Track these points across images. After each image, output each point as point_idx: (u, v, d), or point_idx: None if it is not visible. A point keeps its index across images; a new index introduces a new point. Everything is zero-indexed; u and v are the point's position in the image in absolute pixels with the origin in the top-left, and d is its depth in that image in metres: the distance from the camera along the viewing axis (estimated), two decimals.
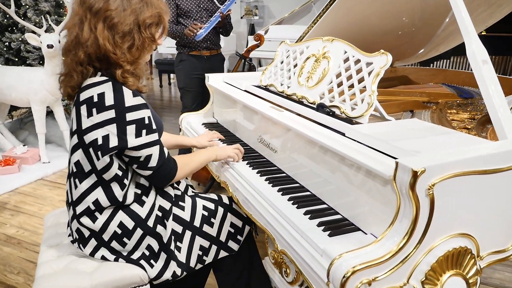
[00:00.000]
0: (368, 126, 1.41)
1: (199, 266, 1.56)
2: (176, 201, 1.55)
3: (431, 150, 1.16)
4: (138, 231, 1.43)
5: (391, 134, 1.32)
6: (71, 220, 1.47)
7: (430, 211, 1.02)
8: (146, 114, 1.37)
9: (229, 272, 1.66)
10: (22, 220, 2.91)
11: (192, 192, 1.71)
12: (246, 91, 2.11)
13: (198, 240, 1.54)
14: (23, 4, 4.02)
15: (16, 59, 4.14)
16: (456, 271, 1.12)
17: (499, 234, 1.25)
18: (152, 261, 1.46)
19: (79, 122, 1.36)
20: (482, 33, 3.93)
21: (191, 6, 3.28)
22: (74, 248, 1.52)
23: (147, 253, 1.46)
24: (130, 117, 1.33)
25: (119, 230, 1.42)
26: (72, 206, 1.45)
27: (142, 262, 1.45)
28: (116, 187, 1.40)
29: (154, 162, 1.40)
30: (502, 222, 1.24)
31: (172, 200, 1.53)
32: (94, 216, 1.41)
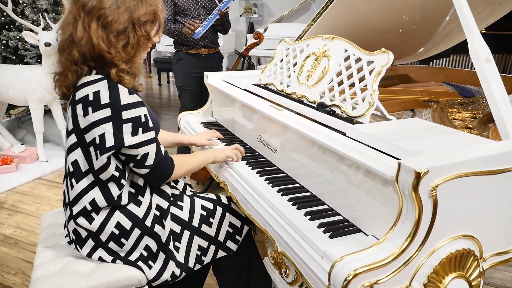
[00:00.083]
0: (369, 125, 1.39)
1: (198, 267, 1.55)
2: (174, 200, 1.54)
3: (434, 151, 1.14)
4: (136, 231, 1.42)
5: (393, 134, 1.30)
6: (68, 220, 1.46)
7: (433, 213, 1.01)
8: (142, 112, 1.36)
9: (228, 272, 1.66)
10: (19, 219, 2.89)
11: (190, 191, 1.69)
12: (245, 90, 2.10)
13: (197, 240, 1.53)
14: (21, 2, 3.99)
15: (13, 58, 4.11)
16: (459, 274, 1.11)
17: (502, 235, 1.24)
18: (150, 261, 1.44)
19: (76, 122, 1.35)
20: (482, 31, 3.92)
21: (189, 4, 3.25)
22: (71, 249, 1.50)
23: (145, 253, 1.44)
24: (126, 115, 1.32)
25: (117, 231, 1.41)
26: (69, 207, 1.43)
27: (140, 263, 1.43)
28: (113, 187, 1.38)
29: (151, 160, 1.38)
30: (505, 223, 1.22)
31: (169, 199, 1.51)
32: (91, 216, 1.39)
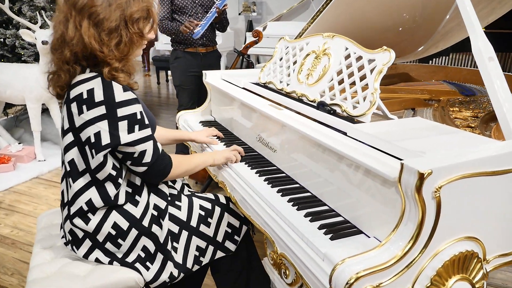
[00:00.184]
0: (370, 125, 1.37)
1: (196, 267, 1.53)
2: (172, 200, 1.52)
3: (437, 151, 1.12)
4: (133, 232, 1.40)
5: (395, 133, 1.28)
6: (64, 221, 1.44)
7: (436, 214, 0.99)
8: (137, 109, 1.34)
9: (227, 273, 1.64)
10: (16, 219, 2.87)
11: (188, 191, 1.68)
12: (244, 89, 2.08)
13: (195, 240, 1.51)
14: None
15: (10, 56, 4.08)
16: (462, 276, 1.09)
17: (506, 236, 1.22)
18: (148, 263, 1.42)
19: (71, 120, 1.33)
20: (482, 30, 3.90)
21: (186, 2, 3.21)
22: (68, 250, 1.48)
23: (143, 254, 1.42)
24: (121, 112, 1.30)
25: (113, 231, 1.39)
26: (66, 207, 1.41)
27: (137, 265, 1.41)
28: (110, 187, 1.36)
29: (148, 158, 1.37)
30: (509, 224, 1.20)
31: (167, 198, 1.50)
32: (87, 217, 1.38)
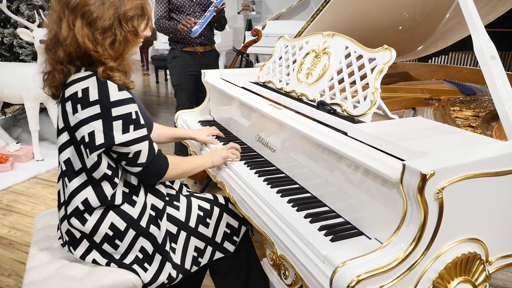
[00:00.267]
0: (371, 125, 1.35)
1: (195, 269, 1.52)
2: (170, 200, 1.51)
3: (439, 151, 1.10)
4: (131, 232, 1.38)
5: (396, 133, 1.27)
6: (61, 221, 1.42)
7: (439, 216, 0.97)
8: (133, 109, 1.32)
9: (226, 274, 1.63)
10: (14, 220, 2.85)
11: (187, 191, 1.66)
12: (243, 88, 2.06)
13: (193, 241, 1.50)
14: None
15: (8, 55, 4.06)
16: (464, 278, 1.07)
17: (508, 237, 1.20)
18: (146, 264, 1.41)
19: (66, 119, 1.32)
20: None
21: (184, 1, 3.19)
22: (65, 252, 1.46)
23: (141, 256, 1.41)
24: (116, 112, 1.29)
25: (111, 232, 1.37)
26: (63, 207, 1.40)
27: (135, 266, 1.39)
28: (106, 186, 1.35)
29: (143, 158, 1.35)
30: (511, 225, 1.19)
31: (165, 198, 1.48)
32: (84, 217, 1.36)
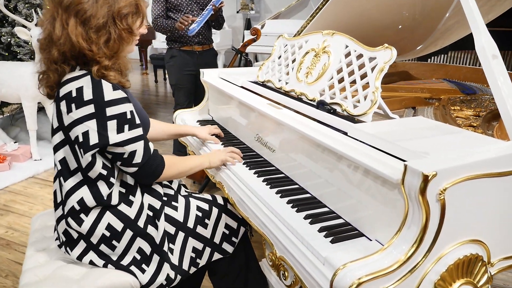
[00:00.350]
0: (371, 124, 1.34)
1: (193, 270, 1.50)
2: (169, 200, 1.49)
3: (441, 151, 1.08)
4: (128, 233, 1.37)
5: (397, 133, 1.25)
6: (58, 221, 1.41)
7: (440, 217, 0.96)
8: (127, 108, 1.31)
9: (224, 275, 1.61)
10: (11, 220, 2.83)
11: (185, 191, 1.64)
12: (242, 87, 2.04)
13: (191, 241, 1.49)
14: None
15: (6, 54, 4.04)
16: (466, 280, 1.06)
17: (510, 238, 1.19)
18: (143, 265, 1.39)
19: (60, 119, 1.31)
20: None
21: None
22: (62, 252, 1.44)
23: (138, 257, 1.39)
24: (111, 111, 1.27)
25: (108, 233, 1.36)
26: (60, 207, 1.39)
27: (132, 268, 1.38)
28: (102, 186, 1.33)
29: (139, 158, 1.33)
30: None
31: (162, 198, 1.46)
32: (80, 218, 1.34)
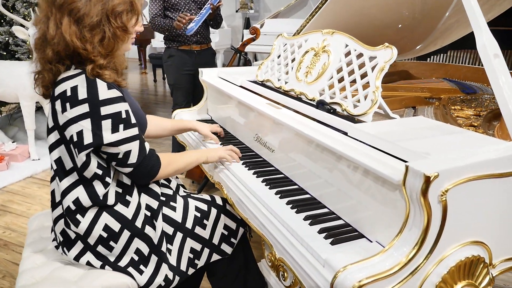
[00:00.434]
0: (372, 124, 1.32)
1: (191, 271, 1.49)
2: (167, 201, 1.48)
3: (442, 152, 1.07)
4: (125, 233, 1.36)
5: (398, 133, 1.24)
6: (55, 222, 1.40)
7: (442, 219, 0.95)
8: (122, 108, 1.29)
9: (223, 276, 1.60)
10: (9, 220, 2.81)
11: (184, 192, 1.63)
12: (241, 87, 2.03)
13: (189, 242, 1.47)
14: None
15: (4, 53, 4.02)
16: (468, 282, 1.05)
17: None
18: (141, 266, 1.38)
19: (56, 118, 1.30)
20: None
21: None
22: (59, 254, 1.43)
23: (136, 257, 1.38)
24: (105, 111, 1.26)
25: (105, 234, 1.34)
26: (56, 207, 1.38)
27: (130, 269, 1.36)
28: (98, 186, 1.32)
29: (134, 159, 1.32)
30: None
31: (159, 198, 1.45)
32: (76, 219, 1.33)
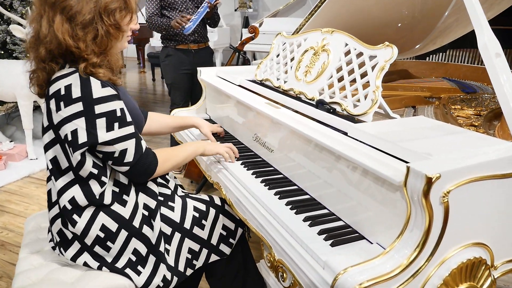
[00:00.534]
0: (372, 124, 1.31)
1: (190, 271, 1.47)
2: (165, 201, 1.47)
3: (444, 152, 1.06)
4: (123, 233, 1.34)
5: (398, 133, 1.22)
6: (52, 222, 1.38)
7: (444, 221, 0.93)
8: (117, 106, 1.28)
9: (222, 277, 1.59)
10: (6, 220, 2.80)
11: (182, 192, 1.61)
12: (240, 86, 2.01)
13: (187, 242, 1.46)
14: None
15: (1, 52, 4.00)
16: (470, 284, 1.04)
17: None
18: (139, 267, 1.36)
19: (50, 117, 1.29)
20: None
21: None
22: (56, 255, 1.42)
23: (134, 258, 1.36)
24: (99, 109, 1.25)
25: (102, 234, 1.33)
26: (53, 207, 1.37)
27: (127, 270, 1.35)
28: (95, 185, 1.31)
29: (130, 157, 1.30)
30: None
31: (157, 197, 1.43)
32: (73, 218, 1.31)
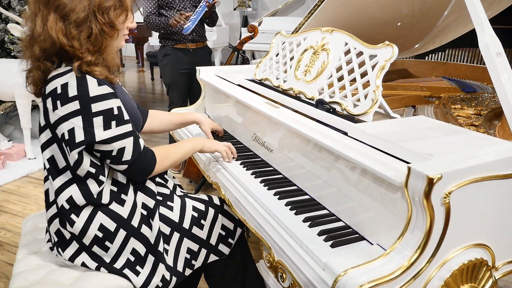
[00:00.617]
0: (372, 124, 1.30)
1: (189, 271, 1.47)
2: (164, 200, 1.46)
3: (445, 153, 1.05)
4: (121, 233, 1.33)
5: (399, 133, 1.21)
6: (50, 222, 1.37)
7: (445, 222, 0.92)
8: (114, 104, 1.27)
9: (221, 277, 1.58)
10: (4, 220, 2.78)
11: (181, 192, 1.60)
12: (239, 85, 2.00)
13: (186, 242, 1.45)
14: None
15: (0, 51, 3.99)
16: (471, 285, 1.03)
17: None
18: (138, 267, 1.35)
19: (47, 116, 1.28)
20: None
21: None
22: (53, 256, 1.40)
23: (132, 258, 1.35)
24: (96, 108, 1.24)
25: (100, 234, 1.32)
26: (50, 207, 1.36)
27: (126, 271, 1.34)
28: (92, 184, 1.30)
29: (128, 156, 1.30)
30: None
31: (155, 197, 1.43)
32: (71, 218, 1.30)
